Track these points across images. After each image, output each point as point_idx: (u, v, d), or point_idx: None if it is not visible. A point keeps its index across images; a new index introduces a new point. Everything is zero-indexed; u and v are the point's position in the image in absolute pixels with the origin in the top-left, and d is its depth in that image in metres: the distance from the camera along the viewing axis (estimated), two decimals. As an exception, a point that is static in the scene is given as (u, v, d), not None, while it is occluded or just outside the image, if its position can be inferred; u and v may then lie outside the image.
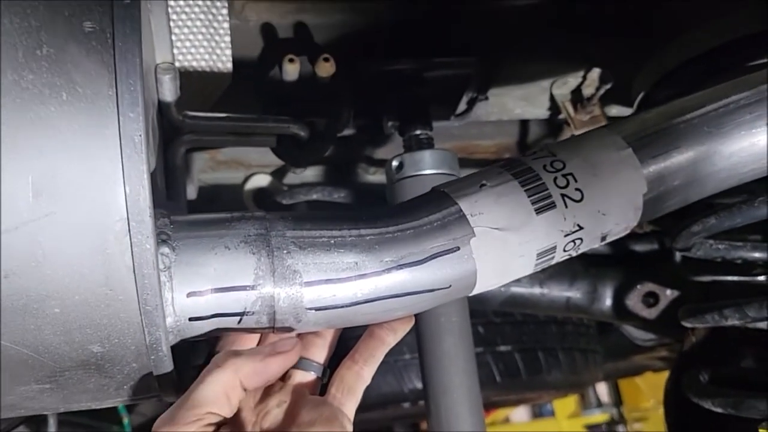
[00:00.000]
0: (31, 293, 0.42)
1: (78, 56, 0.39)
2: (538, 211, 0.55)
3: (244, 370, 0.48)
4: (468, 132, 1.17)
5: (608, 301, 1.01)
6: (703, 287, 0.94)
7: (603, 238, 0.59)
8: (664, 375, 2.21)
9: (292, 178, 1.21)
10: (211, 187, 1.20)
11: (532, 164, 0.58)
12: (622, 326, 1.15)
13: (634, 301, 0.99)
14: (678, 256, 0.96)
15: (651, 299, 0.98)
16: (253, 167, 1.20)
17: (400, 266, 0.53)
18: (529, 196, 0.55)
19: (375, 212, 0.56)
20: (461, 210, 0.55)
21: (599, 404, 3.62)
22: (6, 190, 0.39)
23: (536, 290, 1.01)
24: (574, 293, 1.01)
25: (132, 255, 0.42)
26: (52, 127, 0.39)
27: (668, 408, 0.87)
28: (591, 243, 0.59)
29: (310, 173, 1.25)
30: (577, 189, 0.56)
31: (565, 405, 3.50)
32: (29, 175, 0.39)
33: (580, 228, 0.57)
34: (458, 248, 0.54)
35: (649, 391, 2.73)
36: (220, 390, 0.47)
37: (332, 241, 0.52)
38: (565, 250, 0.58)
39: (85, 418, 1.41)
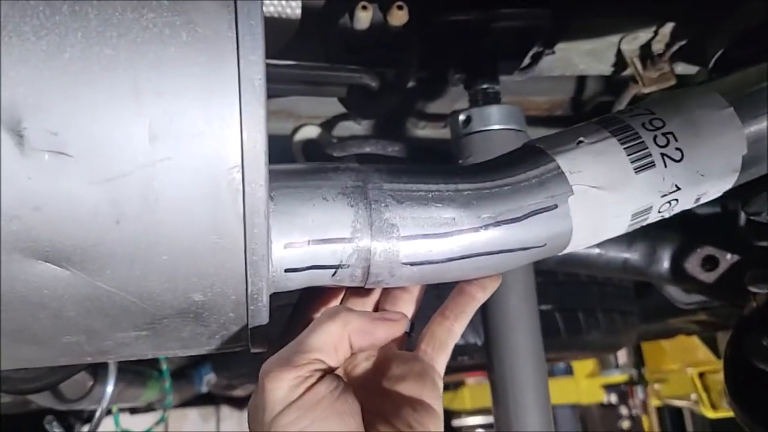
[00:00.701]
0: (141, 239, 0.41)
1: (198, -6, 0.38)
2: (637, 170, 0.53)
3: (353, 325, 0.48)
4: (524, 87, 1.14)
5: (666, 264, 1.00)
6: (766, 252, 0.93)
7: (697, 200, 0.58)
8: (692, 340, 2.20)
9: (341, 130, 1.20)
10: (260, 137, 1.19)
11: (631, 122, 0.56)
12: (664, 288, 1.14)
13: (693, 265, 0.97)
14: (743, 219, 0.94)
15: (710, 263, 0.97)
16: (303, 118, 1.18)
17: (498, 223, 0.51)
18: (628, 155, 0.54)
19: (470, 167, 0.55)
20: (559, 167, 0.53)
21: (617, 365, 3.65)
22: (123, 133, 0.38)
23: (594, 251, 1.00)
24: (632, 254, 1.00)
25: (243, 203, 0.41)
26: (171, 69, 0.38)
27: (729, 372, 0.86)
28: (685, 204, 0.57)
29: (357, 126, 1.23)
30: (677, 148, 0.54)
31: (584, 365, 3.52)
32: (147, 118, 0.38)
33: (678, 189, 0.55)
34: (556, 206, 0.52)
35: (674, 353, 2.73)
36: (330, 340, 0.47)
37: (430, 195, 0.51)
38: (659, 212, 0.56)
39: (130, 362, 1.43)
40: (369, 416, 0.49)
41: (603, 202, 0.53)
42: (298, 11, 0.76)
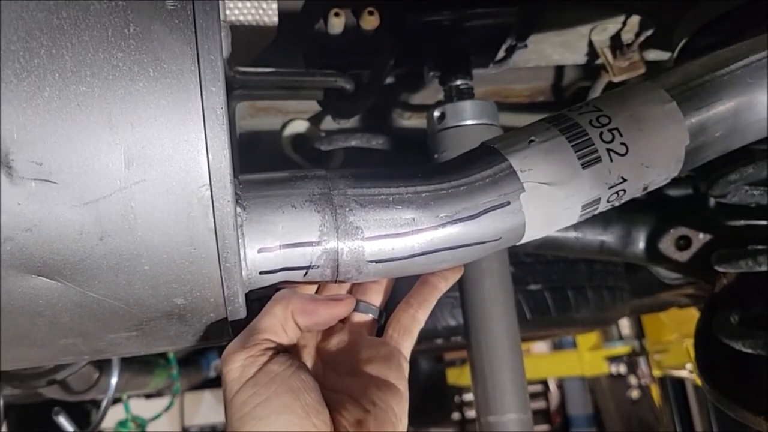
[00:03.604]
0: (124, 253, 0.46)
1: (162, 34, 0.42)
2: (584, 165, 0.57)
3: (295, 306, 0.53)
4: (503, 77, 1.17)
5: (641, 245, 1.04)
6: (736, 231, 0.96)
7: (645, 189, 0.62)
8: (689, 311, 2.24)
9: (330, 123, 1.24)
10: (251, 133, 1.23)
11: (579, 119, 0.60)
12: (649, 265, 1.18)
13: (666, 245, 1.01)
14: (712, 200, 0.98)
15: (683, 242, 1.01)
16: (291, 113, 1.22)
17: (455, 221, 0.56)
18: (575, 152, 0.58)
19: (429, 169, 0.59)
20: (511, 166, 0.57)
21: (620, 337, 3.70)
22: (101, 160, 0.43)
23: (570, 234, 1.04)
24: (607, 237, 1.04)
25: (214, 218, 0.46)
26: (141, 102, 0.42)
27: (698, 348, 0.90)
28: (633, 193, 0.61)
29: (344, 119, 1.27)
30: (622, 143, 0.58)
31: (587, 338, 3.58)
32: (122, 146, 0.42)
33: (624, 180, 0.59)
34: (509, 203, 0.56)
35: (672, 325, 2.78)
36: (275, 321, 0.52)
37: (390, 198, 0.55)
38: (608, 201, 0.60)
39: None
40: (337, 395, 0.54)
41: (553, 196, 0.58)
42: (275, 19, 0.80)
